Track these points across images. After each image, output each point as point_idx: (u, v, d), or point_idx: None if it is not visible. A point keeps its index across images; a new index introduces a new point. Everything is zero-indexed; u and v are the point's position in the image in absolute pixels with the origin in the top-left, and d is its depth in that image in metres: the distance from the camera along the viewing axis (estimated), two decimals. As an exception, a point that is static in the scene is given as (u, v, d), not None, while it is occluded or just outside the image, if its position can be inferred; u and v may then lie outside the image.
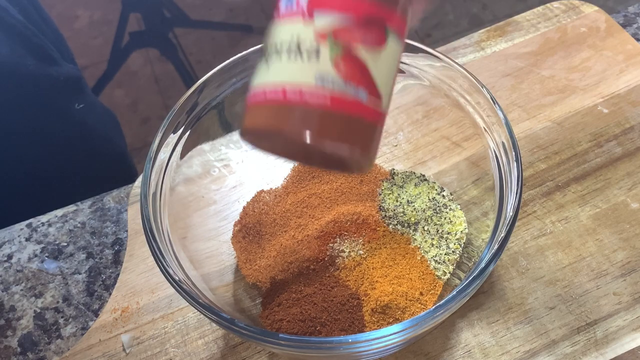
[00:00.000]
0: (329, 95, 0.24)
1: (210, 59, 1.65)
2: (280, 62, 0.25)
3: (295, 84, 0.24)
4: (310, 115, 0.24)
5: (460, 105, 0.43)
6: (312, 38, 0.24)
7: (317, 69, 0.24)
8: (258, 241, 0.46)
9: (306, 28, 0.25)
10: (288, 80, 0.24)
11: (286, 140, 0.25)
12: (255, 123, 0.25)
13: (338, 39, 0.24)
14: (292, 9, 0.25)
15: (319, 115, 0.24)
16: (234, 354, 0.44)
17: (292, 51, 0.24)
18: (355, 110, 0.25)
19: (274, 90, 0.24)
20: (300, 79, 0.24)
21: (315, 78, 0.24)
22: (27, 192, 0.62)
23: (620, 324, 0.43)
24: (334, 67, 0.24)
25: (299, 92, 0.24)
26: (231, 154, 0.48)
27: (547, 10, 0.61)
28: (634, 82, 0.55)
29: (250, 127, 0.26)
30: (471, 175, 0.46)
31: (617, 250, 0.46)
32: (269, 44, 0.26)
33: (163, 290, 0.47)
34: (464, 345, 0.43)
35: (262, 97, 0.25)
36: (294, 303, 0.42)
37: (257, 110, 0.25)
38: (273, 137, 0.25)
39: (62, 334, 0.47)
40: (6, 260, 0.51)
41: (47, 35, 0.65)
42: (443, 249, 0.44)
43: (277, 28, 0.25)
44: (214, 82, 0.42)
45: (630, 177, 0.49)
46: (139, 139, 1.45)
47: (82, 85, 0.68)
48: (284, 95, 0.24)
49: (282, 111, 0.24)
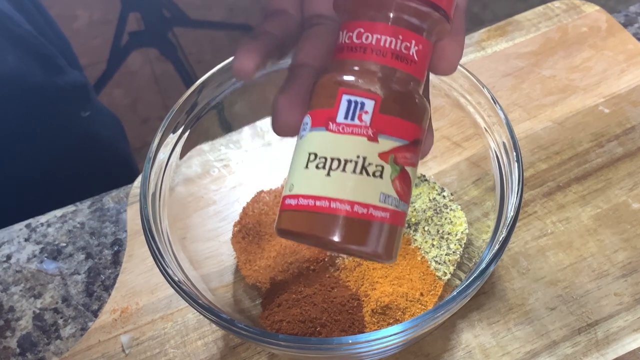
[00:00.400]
0: (389, 211, 0.27)
1: (210, 58, 1.64)
2: (346, 178, 0.27)
3: (363, 202, 0.27)
4: (372, 228, 0.27)
5: (461, 105, 0.42)
6: (377, 159, 0.27)
7: (381, 188, 0.27)
8: (258, 242, 0.46)
9: (371, 149, 0.27)
10: (355, 197, 0.27)
11: (337, 247, 0.28)
12: (313, 230, 0.27)
13: (397, 160, 0.27)
14: (356, 128, 0.27)
15: (377, 228, 0.27)
16: (234, 355, 0.44)
17: (357, 169, 0.27)
18: (401, 222, 0.29)
19: (341, 204, 0.27)
20: (367, 197, 0.27)
21: (379, 196, 0.27)
22: (26, 192, 0.62)
23: (621, 324, 0.42)
24: (392, 186, 0.27)
25: (366, 208, 0.27)
26: (231, 154, 0.48)
27: (547, 9, 0.61)
28: (635, 82, 0.54)
29: (307, 233, 0.28)
30: (472, 176, 0.46)
31: (618, 251, 0.46)
32: (328, 155, 0.27)
33: (162, 290, 0.47)
34: (464, 346, 0.43)
35: (326, 207, 0.27)
36: (294, 304, 0.42)
37: (316, 218, 0.27)
38: (323, 243, 0.28)
39: (62, 335, 0.46)
40: (5, 260, 0.50)
41: (53, 42, 0.65)
42: (443, 250, 0.44)
43: (336, 140, 0.27)
44: (213, 82, 0.42)
45: (631, 177, 0.49)
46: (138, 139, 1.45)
47: (88, 92, 0.68)
48: (352, 209, 0.27)
49: (346, 223, 0.27)
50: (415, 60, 0.28)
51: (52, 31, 0.67)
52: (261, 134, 0.49)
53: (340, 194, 0.27)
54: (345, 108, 0.27)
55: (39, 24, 0.64)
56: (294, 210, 0.28)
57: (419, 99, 0.29)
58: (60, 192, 0.59)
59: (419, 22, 0.28)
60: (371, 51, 0.28)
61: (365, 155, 0.27)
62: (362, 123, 0.27)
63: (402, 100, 0.28)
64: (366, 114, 0.27)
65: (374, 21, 0.28)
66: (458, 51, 0.30)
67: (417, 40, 0.28)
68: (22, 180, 0.62)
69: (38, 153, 0.62)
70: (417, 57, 0.28)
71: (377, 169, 0.27)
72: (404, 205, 0.28)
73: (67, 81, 0.63)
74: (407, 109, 0.28)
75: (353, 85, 0.28)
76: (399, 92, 0.28)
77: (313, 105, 0.29)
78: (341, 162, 0.27)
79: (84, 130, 0.66)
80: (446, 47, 0.29)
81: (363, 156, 0.27)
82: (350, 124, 0.27)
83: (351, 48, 0.28)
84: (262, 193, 0.49)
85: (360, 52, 0.28)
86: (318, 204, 0.27)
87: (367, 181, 0.27)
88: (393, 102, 0.27)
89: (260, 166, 0.49)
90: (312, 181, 0.28)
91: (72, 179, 0.65)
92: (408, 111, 0.28)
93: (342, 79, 0.28)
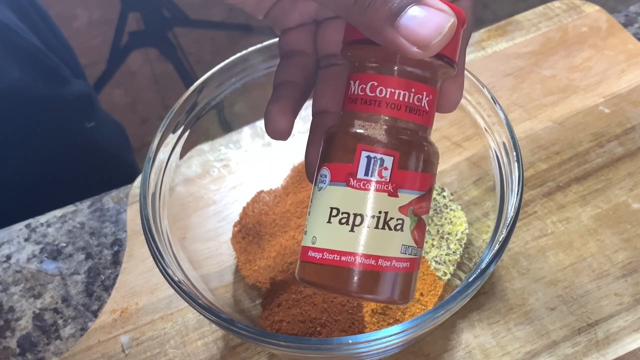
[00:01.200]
0: (409, 261, 0.29)
1: (210, 58, 1.64)
2: (369, 234, 0.28)
3: (386, 256, 0.28)
4: (395, 279, 0.29)
5: (461, 105, 0.42)
6: (397, 213, 0.28)
7: (402, 240, 0.28)
8: (258, 242, 0.46)
9: (392, 204, 0.28)
10: (379, 252, 0.28)
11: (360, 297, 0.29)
12: (339, 283, 0.28)
13: (415, 212, 0.29)
14: (377, 184, 0.28)
15: (401, 278, 0.29)
16: (234, 355, 0.44)
17: (380, 224, 0.28)
18: (418, 267, 0.30)
19: (366, 259, 0.28)
20: (389, 251, 0.28)
21: (400, 248, 0.28)
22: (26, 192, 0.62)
23: (622, 324, 0.42)
24: (411, 236, 0.29)
25: (389, 261, 0.28)
26: (231, 154, 0.48)
27: (548, 9, 0.61)
28: (635, 81, 0.54)
29: (333, 286, 0.29)
30: (472, 176, 0.46)
31: (619, 251, 0.46)
32: (350, 210, 0.28)
33: (162, 291, 0.47)
34: (464, 346, 0.43)
35: (352, 262, 0.28)
36: (294, 304, 0.42)
37: (342, 272, 0.28)
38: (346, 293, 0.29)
39: (61, 335, 0.46)
40: (5, 260, 0.50)
41: (57, 51, 0.65)
42: (444, 250, 0.44)
43: (358, 196, 0.28)
44: (213, 82, 0.42)
45: (631, 177, 0.49)
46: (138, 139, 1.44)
47: (92, 102, 0.68)
48: (376, 263, 0.28)
49: (371, 277, 0.28)
50: (427, 110, 0.29)
51: (56, 40, 0.67)
52: (261, 134, 0.49)
53: (365, 250, 0.28)
54: (365, 165, 0.28)
55: (43, 33, 0.64)
56: (319, 263, 0.29)
57: (429, 147, 0.29)
58: (60, 192, 0.59)
59: (430, 74, 0.28)
60: (386, 105, 0.28)
61: (387, 210, 0.28)
62: (382, 179, 0.28)
63: (417, 154, 0.29)
64: (386, 170, 0.28)
65: (386, 74, 0.28)
66: (459, 92, 0.31)
67: (428, 91, 0.29)
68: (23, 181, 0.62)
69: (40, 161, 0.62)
70: (428, 107, 0.29)
71: (398, 222, 0.28)
72: (420, 251, 0.30)
73: (71, 92, 0.63)
74: (422, 161, 0.29)
75: (372, 141, 0.28)
76: (414, 145, 0.29)
77: (330, 157, 0.29)
78: (364, 218, 0.28)
79: (88, 141, 0.67)
80: (448, 90, 0.30)
81: (385, 211, 0.28)
82: (370, 180, 0.28)
83: (364, 101, 0.29)
84: (262, 193, 0.49)
85: (374, 106, 0.28)
86: (343, 259, 0.28)
87: (389, 235, 0.28)
88: (409, 156, 0.28)
89: (260, 166, 0.49)
90: (336, 236, 0.28)
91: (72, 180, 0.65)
92: (423, 163, 0.29)
93: (359, 133, 0.28)
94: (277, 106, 0.31)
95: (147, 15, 1.53)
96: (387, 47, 0.26)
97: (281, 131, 0.31)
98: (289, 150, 0.50)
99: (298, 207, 0.47)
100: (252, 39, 1.63)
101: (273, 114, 0.31)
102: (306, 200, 0.47)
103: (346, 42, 0.29)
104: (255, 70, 0.43)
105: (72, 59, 0.70)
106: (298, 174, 0.49)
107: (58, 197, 0.57)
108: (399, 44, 0.25)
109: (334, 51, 0.32)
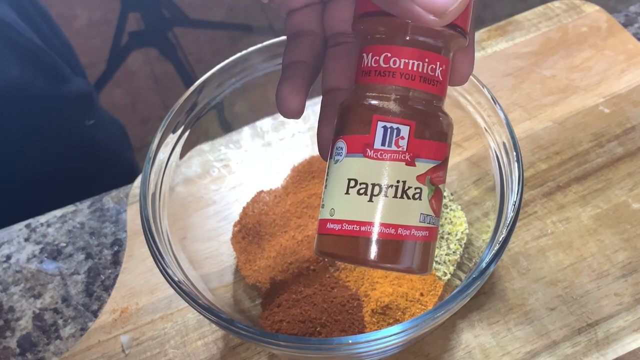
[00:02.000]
0: (428, 229, 0.29)
1: (210, 58, 1.64)
2: (388, 203, 0.28)
3: (406, 224, 0.28)
4: (415, 248, 0.29)
5: (461, 105, 0.42)
6: (415, 182, 0.28)
7: (421, 209, 0.29)
8: (258, 242, 0.46)
9: (409, 173, 0.28)
10: (398, 221, 0.28)
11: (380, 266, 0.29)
12: (359, 253, 0.28)
13: (432, 181, 0.29)
14: (394, 154, 0.28)
15: (420, 247, 0.29)
16: (234, 355, 0.44)
17: (398, 193, 0.28)
18: (436, 237, 0.30)
19: (385, 228, 0.28)
20: (409, 219, 0.28)
21: (419, 217, 0.29)
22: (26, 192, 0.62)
23: (622, 324, 0.42)
24: (429, 205, 0.29)
25: (409, 230, 0.28)
26: (231, 154, 0.48)
27: (548, 9, 0.61)
28: (635, 81, 0.54)
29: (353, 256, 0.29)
30: (472, 176, 0.46)
31: (619, 251, 0.46)
32: (368, 181, 0.28)
33: (162, 291, 0.47)
34: (464, 346, 0.43)
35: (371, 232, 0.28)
36: (294, 304, 0.42)
37: (362, 242, 0.28)
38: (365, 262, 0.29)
39: (61, 335, 0.46)
40: (5, 260, 0.50)
41: (57, 50, 0.65)
42: (443, 250, 0.44)
43: (376, 166, 0.28)
44: (213, 81, 0.42)
45: (631, 177, 0.49)
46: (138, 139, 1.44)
47: (92, 100, 0.68)
48: (396, 232, 0.28)
49: (391, 246, 0.28)
50: (441, 80, 0.29)
51: (57, 39, 0.67)
52: (261, 134, 0.49)
53: (384, 219, 0.28)
54: (382, 134, 0.28)
55: (43, 31, 0.64)
56: (338, 235, 0.29)
57: (444, 117, 0.29)
58: (60, 192, 0.59)
59: (443, 44, 0.28)
60: (400, 75, 0.28)
61: (405, 179, 0.28)
62: (399, 149, 0.28)
63: (433, 123, 0.29)
64: (402, 139, 0.28)
65: (400, 45, 0.28)
66: (470, 64, 0.30)
67: (441, 61, 0.29)
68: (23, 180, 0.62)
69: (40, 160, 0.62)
70: (441, 77, 0.29)
71: (416, 191, 0.28)
72: (438, 220, 0.30)
73: (72, 90, 0.63)
74: (437, 130, 0.29)
75: (387, 112, 0.28)
76: (429, 114, 0.29)
77: (346, 130, 0.29)
78: (382, 188, 0.28)
79: (88, 139, 0.67)
80: (460, 61, 0.30)
81: (402, 180, 0.28)
82: (387, 150, 0.28)
83: (379, 72, 0.29)
84: (262, 193, 0.49)
85: (389, 77, 0.28)
86: (363, 229, 0.28)
87: (408, 204, 0.28)
88: (425, 125, 0.28)
89: (260, 166, 0.49)
90: (355, 207, 0.29)
91: (72, 179, 0.65)
92: (438, 132, 0.29)
93: (374, 104, 0.28)
94: (288, 85, 0.31)
95: (147, 15, 1.53)
96: (403, 16, 0.26)
97: (293, 110, 0.31)
98: (289, 150, 0.50)
99: (298, 207, 0.47)
100: (252, 39, 1.63)
101: (285, 94, 0.31)
102: (306, 201, 0.47)
103: (357, 15, 0.29)
104: (255, 70, 0.43)
105: (72, 57, 0.70)
106: (298, 174, 0.49)
107: (58, 197, 0.57)
108: (415, 13, 0.25)
109: (342, 29, 0.32)
